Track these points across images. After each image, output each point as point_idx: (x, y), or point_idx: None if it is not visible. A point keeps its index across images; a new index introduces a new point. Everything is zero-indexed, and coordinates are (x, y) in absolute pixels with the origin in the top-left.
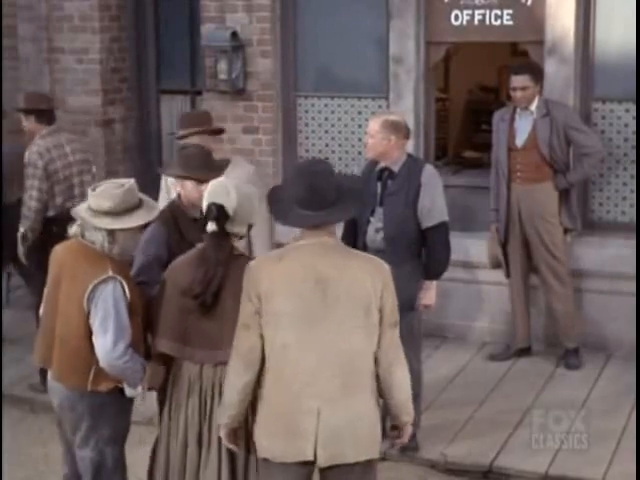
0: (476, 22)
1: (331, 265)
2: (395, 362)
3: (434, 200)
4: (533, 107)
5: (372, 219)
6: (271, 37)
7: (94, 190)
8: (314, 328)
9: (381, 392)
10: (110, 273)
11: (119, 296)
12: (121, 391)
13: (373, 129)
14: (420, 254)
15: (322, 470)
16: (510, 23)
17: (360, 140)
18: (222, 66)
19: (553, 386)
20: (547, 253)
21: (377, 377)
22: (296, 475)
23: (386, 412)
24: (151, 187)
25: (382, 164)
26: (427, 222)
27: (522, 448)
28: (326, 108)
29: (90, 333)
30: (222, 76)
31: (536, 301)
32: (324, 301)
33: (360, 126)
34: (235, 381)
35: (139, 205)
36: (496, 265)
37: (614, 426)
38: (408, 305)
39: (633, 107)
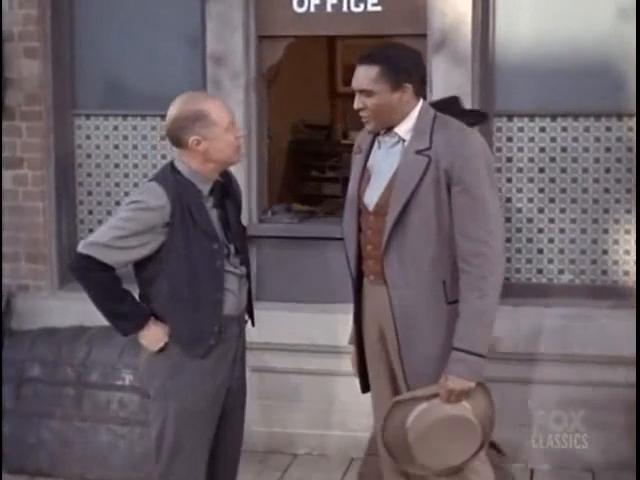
0: (329, 8)
1: None
2: None
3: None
4: (402, 130)
5: (232, 269)
6: (39, 29)
7: None
8: None
9: None
10: None
11: None
12: None
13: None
14: None
15: None
16: (377, 9)
17: None
18: None
19: None
20: None
21: None
22: None
23: None
24: None
25: (213, 178)
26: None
27: None
28: (116, 132)
29: None
30: None
31: None
32: None
33: (164, 157)
34: None
35: None
36: None
37: None
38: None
39: (552, 125)
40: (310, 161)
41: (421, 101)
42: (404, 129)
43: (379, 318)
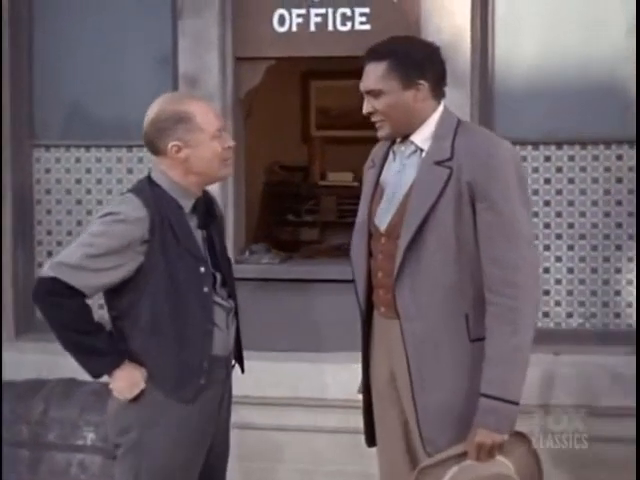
0: (312, 27)
1: None
2: None
3: None
4: (419, 138)
5: (220, 300)
6: None
7: None
8: None
9: None
10: None
11: None
12: None
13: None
14: None
15: None
16: (366, 27)
17: None
18: None
19: None
20: None
21: None
22: None
23: None
24: None
25: (195, 194)
26: None
27: None
28: (78, 165)
29: None
30: None
31: None
32: None
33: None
34: None
35: None
36: None
37: None
38: None
39: (558, 153)
40: (286, 204)
41: (442, 105)
42: (421, 137)
43: (390, 356)
